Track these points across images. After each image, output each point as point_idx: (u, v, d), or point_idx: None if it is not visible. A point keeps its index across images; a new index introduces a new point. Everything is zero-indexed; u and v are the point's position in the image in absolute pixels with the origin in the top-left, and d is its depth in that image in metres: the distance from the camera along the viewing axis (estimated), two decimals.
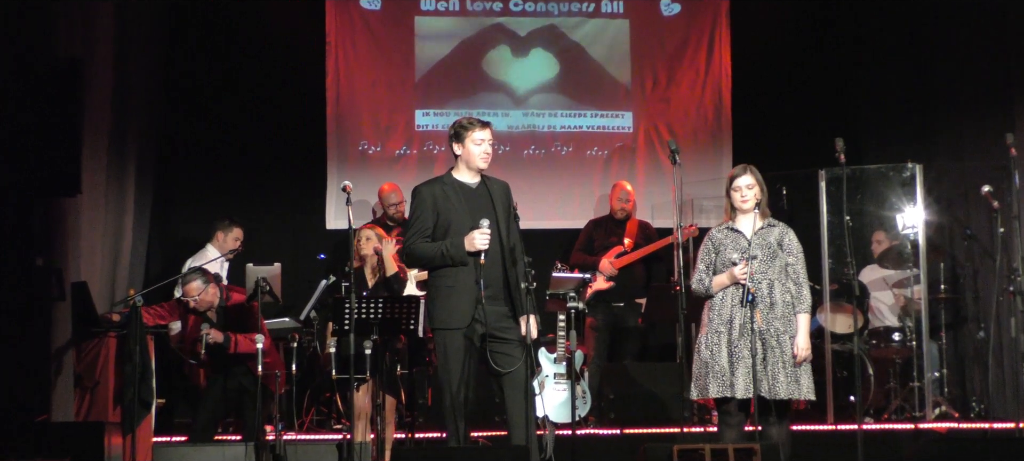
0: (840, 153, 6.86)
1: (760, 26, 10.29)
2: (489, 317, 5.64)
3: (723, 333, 5.94)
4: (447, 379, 5.64)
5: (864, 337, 8.69)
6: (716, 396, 5.95)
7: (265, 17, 9.89)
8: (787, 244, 6.02)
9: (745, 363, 5.85)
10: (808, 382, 5.95)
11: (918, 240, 8.63)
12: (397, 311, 6.66)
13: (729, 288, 5.97)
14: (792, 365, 5.89)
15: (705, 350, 5.99)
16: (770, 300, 5.92)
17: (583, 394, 8.17)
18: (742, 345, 5.87)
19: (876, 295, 9.06)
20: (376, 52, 10.11)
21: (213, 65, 9.85)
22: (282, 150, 9.93)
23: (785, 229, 6.07)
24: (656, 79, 10.33)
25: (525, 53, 10.30)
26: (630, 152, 10.27)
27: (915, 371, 8.50)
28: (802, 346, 5.90)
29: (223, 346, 7.26)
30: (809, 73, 10.40)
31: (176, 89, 9.75)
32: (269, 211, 9.85)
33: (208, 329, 7.26)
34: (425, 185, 5.83)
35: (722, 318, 5.96)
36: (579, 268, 8.64)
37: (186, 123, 9.83)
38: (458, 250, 5.63)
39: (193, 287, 7.41)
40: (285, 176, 9.91)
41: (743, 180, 6.03)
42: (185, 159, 9.86)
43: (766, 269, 5.94)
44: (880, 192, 9.05)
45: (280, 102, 9.91)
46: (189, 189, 9.87)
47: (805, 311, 5.96)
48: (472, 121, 5.79)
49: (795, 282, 5.98)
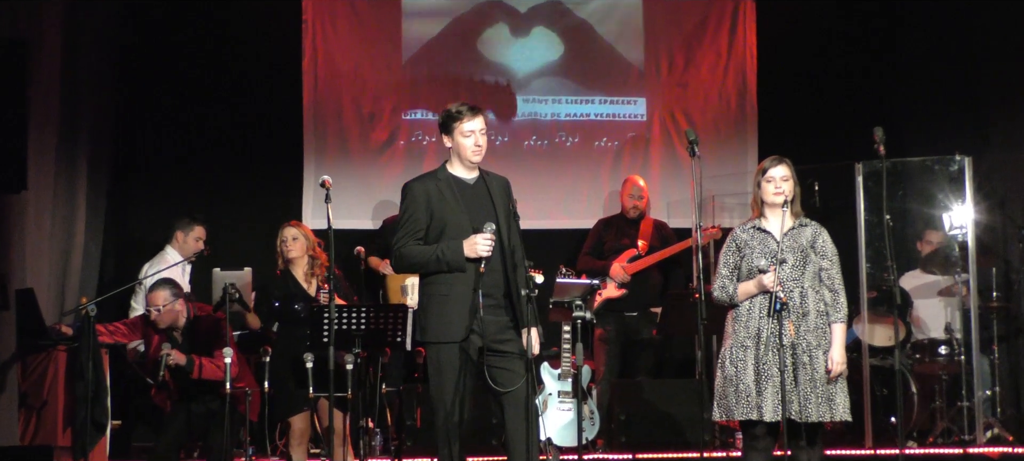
0: (879, 144, 6.84)
1: (789, 1, 10.29)
2: (488, 328, 5.60)
3: (750, 348, 5.92)
4: (440, 397, 5.60)
5: (906, 351, 8.69)
6: (741, 418, 5.93)
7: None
8: (820, 246, 6.00)
9: (774, 382, 5.83)
10: (843, 401, 5.93)
11: (967, 241, 8.62)
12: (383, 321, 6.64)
13: (756, 296, 5.95)
14: (825, 383, 5.87)
15: (729, 366, 5.96)
16: (802, 310, 5.91)
17: (591, 414, 8.16)
18: (771, 361, 5.85)
19: (920, 303, 9.06)
20: (359, 31, 10.10)
21: (174, 48, 9.82)
22: (253, 141, 9.92)
23: (818, 229, 6.06)
24: (672, 61, 10.32)
25: (526, 32, 10.29)
26: (643, 143, 10.26)
27: (964, 389, 8.50)
28: (837, 360, 5.88)
29: (185, 370, 7.24)
30: (844, 54, 10.40)
31: (133, 75, 9.73)
32: (239, 210, 9.84)
33: (170, 350, 7.23)
34: (417, 181, 5.80)
35: (748, 330, 5.94)
36: (587, 273, 8.63)
37: (145, 112, 9.81)
38: (456, 255, 5.58)
39: (160, 296, 7.38)
40: (257, 170, 9.90)
41: (777, 171, 6.00)
42: (144, 152, 9.85)
43: (798, 275, 5.92)
44: (924, 188, 9.05)
45: (250, 88, 9.91)
46: (148, 186, 9.86)
47: (841, 321, 5.94)
48: (461, 108, 5.70)
49: (830, 288, 5.96)
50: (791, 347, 5.84)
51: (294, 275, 7.52)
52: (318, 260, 7.54)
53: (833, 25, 10.40)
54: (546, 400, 8.01)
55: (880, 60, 10.42)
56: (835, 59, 10.40)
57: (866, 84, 10.34)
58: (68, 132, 8.47)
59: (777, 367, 5.83)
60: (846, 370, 5.96)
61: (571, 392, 8.02)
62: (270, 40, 9.95)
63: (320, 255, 7.58)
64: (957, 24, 9.97)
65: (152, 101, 9.83)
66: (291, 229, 7.64)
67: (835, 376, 5.88)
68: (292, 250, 7.55)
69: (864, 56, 10.41)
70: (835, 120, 10.11)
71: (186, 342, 7.41)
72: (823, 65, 10.38)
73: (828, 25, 10.40)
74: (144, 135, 9.84)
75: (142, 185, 9.88)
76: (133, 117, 9.79)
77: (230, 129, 9.90)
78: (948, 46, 10.04)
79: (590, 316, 8.28)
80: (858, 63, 10.38)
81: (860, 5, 10.43)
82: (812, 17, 10.35)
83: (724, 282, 6.06)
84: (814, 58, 10.38)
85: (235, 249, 9.33)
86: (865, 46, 10.43)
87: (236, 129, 9.91)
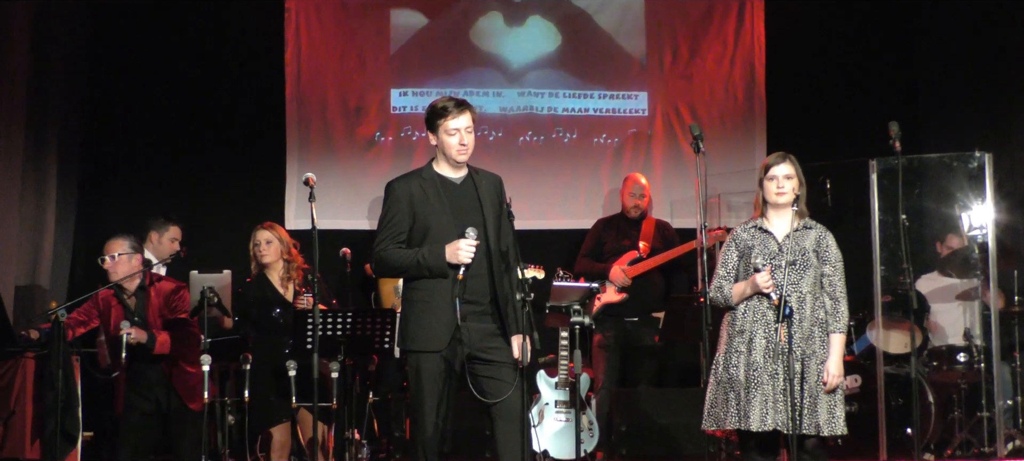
0: (895, 140, 6.85)
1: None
2: (472, 336, 5.58)
3: (742, 353, 5.93)
4: (419, 409, 5.59)
5: (923, 358, 8.69)
6: (730, 428, 5.94)
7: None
8: (824, 251, 6.00)
9: (763, 390, 5.83)
10: (840, 414, 5.93)
11: (987, 243, 8.62)
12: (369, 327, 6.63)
13: (752, 301, 5.95)
14: (817, 394, 5.86)
15: (722, 372, 5.98)
16: (798, 316, 5.91)
17: (590, 425, 8.15)
18: (762, 368, 5.85)
19: (937, 308, 9.06)
20: (344, 21, 10.10)
21: (149, 39, 9.82)
22: (232, 137, 9.93)
23: (823, 233, 6.05)
24: (676, 52, 10.33)
25: (521, 21, 10.29)
26: (645, 139, 10.27)
27: (984, 399, 8.50)
28: (834, 372, 5.89)
29: (147, 347, 7.21)
30: (858, 45, 10.41)
31: (105, 69, 9.74)
32: (217, 209, 9.84)
33: (129, 327, 7.19)
34: (400, 180, 5.77)
35: (742, 336, 5.95)
36: (585, 276, 8.64)
37: (117, 107, 9.81)
38: (437, 260, 5.56)
39: (118, 244, 7.34)
40: (236, 168, 9.91)
41: (780, 168, 6.00)
42: (116, 149, 9.84)
43: (797, 279, 5.92)
44: (942, 186, 9.05)
45: (229, 81, 9.91)
46: (121, 184, 9.85)
47: (841, 331, 5.95)
48: (446, 104, 5.66)
49: (831, 296, 5.97)
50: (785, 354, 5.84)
51: (270, 280, 7.51)
52: (294, 263, 7.52)
53: (846, 14, 10.40)
54: (542, 410, 8.01)
55: (896, 51, 10.43)
56: (848, 50, 10.40)
57: (881, 76, 10.35)
58: (36, 128, 8.46)
59: (769, 375, 5.83)
60: (843, 383, 5.97)
61: (569, 402, 8.02)
62: (251, 30, 9.96)
63: (296, 257, 7.56)
64: (977, 13, 9.98)
65: (125, 95, 9.82)
66: (264, 231, 7.63)
67: (830, 389, 5.89)
68: (266, 254, 7.55)
69: (879, 47, 10.42)
70: (848, 114, 10.12)
71: (140, 309, 7.34)
72: (835, 56, 10.38)
73: (841, 14, 10.40)
74: (117, 131, 9.84)
75: (114, 183, 9.87)
76: (105, 112, 9.79)
77: (208, 124, 9.90)
78: (968, 37, 10.05)
79: (589, 321, 8.24)
80: (873, 54, 10.38)
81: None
82: (824, 5, 10.36)
83: (721, 283, 6.08)
84: (826, 49, 10.39)
85: (213, 251, 9.30)
86: (880, 36, 10.43)
87: (214, 124, 9.90)
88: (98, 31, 9.68)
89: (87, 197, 9.61)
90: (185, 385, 7.30)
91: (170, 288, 7.54)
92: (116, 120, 9.83)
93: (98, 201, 9.84)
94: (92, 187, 9.70)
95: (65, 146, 9.08)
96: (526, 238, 6.71)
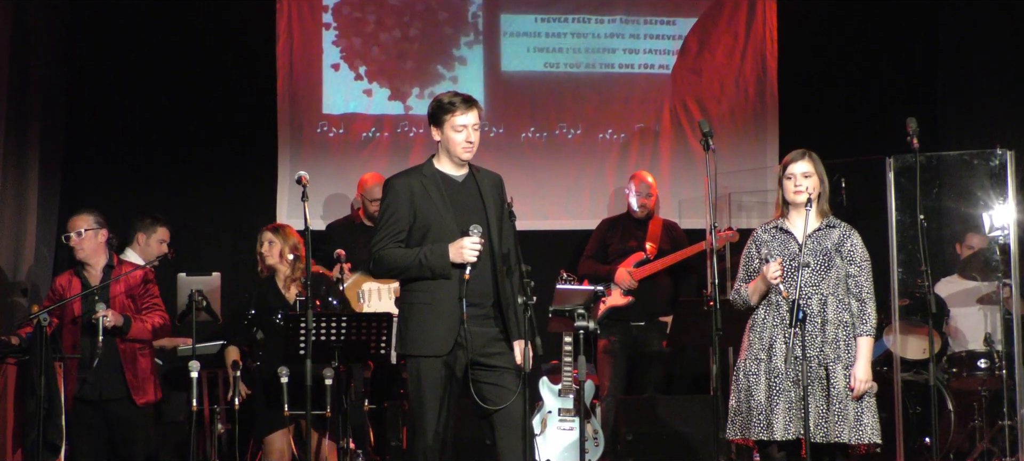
0: (913, 136, 6.88)
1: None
2: (475, 341, 5.61)
3: (763, 360, 5.96)
4: (420, 416, 5.62)
5: (942, 364, 8.72)
6: (755, 437, 5.98)
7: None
8: (848, 251, 6.02)
9: (787, 397, 5.87)
10: (872, 421, 5.96)
11: (1009, 244, 8.64)
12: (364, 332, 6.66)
13: (773, 304, 5.98)
14: (846, 401, 5.89)
15: (743, 379, 6.02)
16: (821, 319, 5.94)
17: (595, 434, 8.19)
18: (784, 375, 5.89)
19: (957, 312, 9.09)
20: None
21: (134, 29, 9.83)
22: (222, 134, 9.94)
23: (848, 231, 6.08)
24: (685, 45, 10.35)
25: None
26: (652, 136, 10.30)
27: (1005, 406, 8.52)
28: (862, 377, 5.90)
29: (123, 330, 7.23)
30: (875, 38, 10.43)
31: (88, 64, 9.74)
32: (206, 209, 9.86)
33: (105, 310, 7.18)
34: (400, 177, 5.80)
35: (762, 342, 5.99)
36: (590, 279, 8.67)
37: (101, 103, 9.81)
38: (440, 260, 5.59)
39: (83, 219, 7.39)
40: (226, 166, 9.92)
41: (798, 166, 6.03)
42: (100, 148, 9.84)
43: (818, 280, 5.96)
44: (962, 184, 9.06)
45: (219, 75, 9.91)
46: (106, 184, 9.83)
47: (867, 334, 5.96)
48: (454, 99, 5.69)
49: (857, 298, 5.99)
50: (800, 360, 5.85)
51: (275, 282, 7.55)
52: (300, 265, 7.55)
53: (862, 5, 10.43)
54: (545, 419, 8.05)
55: (914, 44, 10.45)
56: (864, 43, 10.42)
57: (899, 70, 10.37)
58: (16, 125, 8.48)
59: (791, 382, 5.86)
60: (872, 387, 5.98)
61: (573, 410, 8.06)
62: (241, 23, 9.94)
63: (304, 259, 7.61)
64: (999, 4, 10.00)
65: (109, 91, 9.81)
66: (266, 232, 7.67)
67: (858, 394, 5.91)
68: (268, 256, 7.58)
69: (896, 39, 10.43)
70: (864, 109, 10.15)
71: (103, 295, 7.34)
72: (851, 49, 10.40)
73: (857, 4, 10.42)
74: (101, 128, 9.83)
75: (99, 183, 9.84)
76: (88, 108, 9.77)
77: (196, 121, 9.89)
78: (989, 29, 10.06)
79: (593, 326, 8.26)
80: (890, 46, 10.40)
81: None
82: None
83: (739, 285, 6.11)
84: (841, 42, 10.41)
85: (202, 252, 9.37)
86: (898, 29, 10.45)
87: (203, 121, 9.90)
88: (80, 25, 9.66)
89: (70, 197, 9.61)
90: (134, 374, 7.28)
91: (138, 278, 7.55)
92: (100, 117, 9.80)
93: (81, 201, 9.82)
94: (75, 187, 9.68)
95: (47, 144, 9.08)
96: (528, 239, 6.75)
